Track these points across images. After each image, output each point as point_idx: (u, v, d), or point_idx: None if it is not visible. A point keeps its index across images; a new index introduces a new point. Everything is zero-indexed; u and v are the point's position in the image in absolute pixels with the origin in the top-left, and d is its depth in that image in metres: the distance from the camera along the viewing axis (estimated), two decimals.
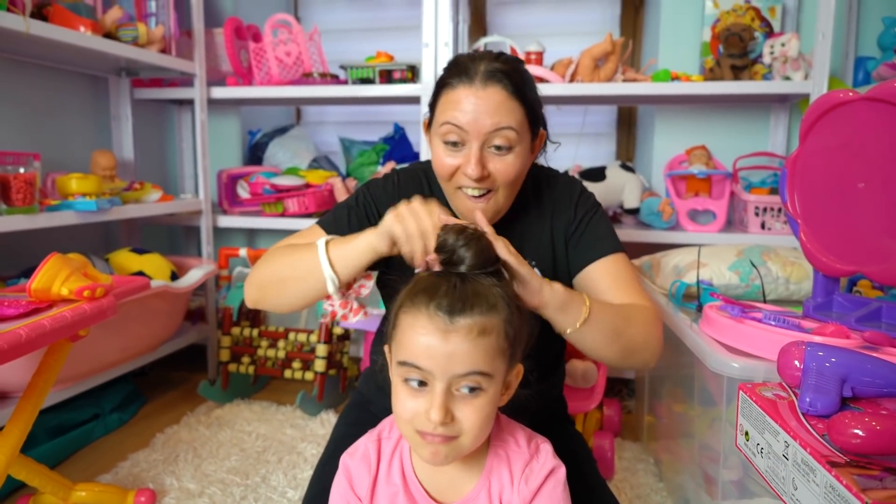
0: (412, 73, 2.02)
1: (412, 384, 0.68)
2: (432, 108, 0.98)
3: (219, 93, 2.15)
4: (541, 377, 0.80)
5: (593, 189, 1.14)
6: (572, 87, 1.89)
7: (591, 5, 2.50)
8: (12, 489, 1.44)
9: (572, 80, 1.92)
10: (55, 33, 1.55)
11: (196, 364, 2.31)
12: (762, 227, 1.87)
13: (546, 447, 0.77)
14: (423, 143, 1.95)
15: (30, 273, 1.27)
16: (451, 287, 0.68)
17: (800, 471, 0.62)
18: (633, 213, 2.01)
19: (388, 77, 2.03)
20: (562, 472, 0.75)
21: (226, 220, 2.20)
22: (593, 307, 0.85)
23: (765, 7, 2.01)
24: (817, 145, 1.08)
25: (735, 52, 1.86)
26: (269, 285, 0.95)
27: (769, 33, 1.97)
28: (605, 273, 1.00)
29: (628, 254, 1.05)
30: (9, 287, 1.47)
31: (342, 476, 0.78)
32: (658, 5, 2.20)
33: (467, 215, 0.96)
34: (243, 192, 2.23)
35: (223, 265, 2.18)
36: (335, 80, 2.13)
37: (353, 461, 0.78)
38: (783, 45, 1.80)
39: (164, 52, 1.98)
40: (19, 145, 1.85)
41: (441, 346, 0.65)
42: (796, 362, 0.72)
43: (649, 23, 2.37)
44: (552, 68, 1.96)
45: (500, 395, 0.71)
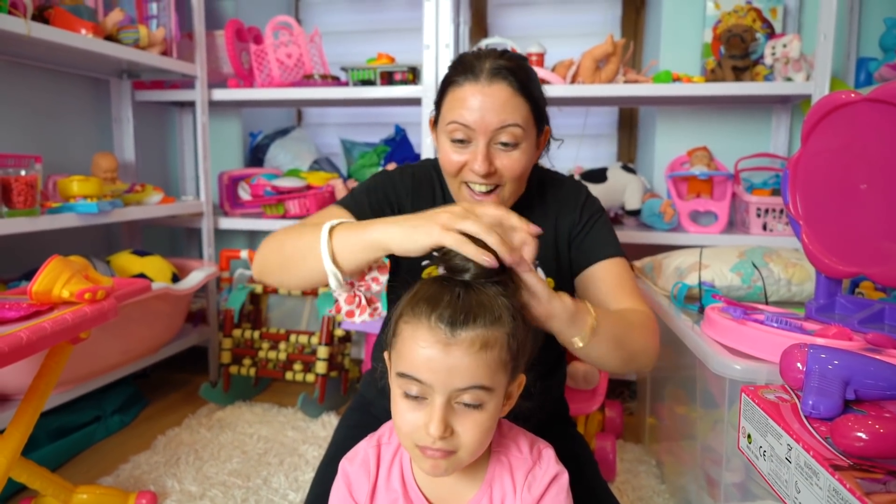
0: (413, 75, 2.02)
1: (411, 396, 0.66)
2: (438, 106, 0.99)
3: (220, 95, 2.16)
4: (542, 379, 0.79)
5: (594, 190, 1.14)
6: (573, 89, 1.89)
7: (592, 7, 2.50)
8: (13, 492, 1.44)
9: (573, 81, 1.92)
10: (56, 36, 1.55)
11: (197, 366, 2.31)
12: (764, 228, 1.86)
13: (549, 453, 0.76)
14: (424, 145, 1.95)
15: (31, 275, 1.27)
16: (453, 297, 0.66)
17: (803, 474, 0.62)
18: (635, 214, 2.00)
19: (389, 79, 2.03)
20: (565, 478, 0.74)
21: (227, 222, 2.20)
22: (599, 317, 0.83)
23: (766, 8, 2.01)
24: (819, 146, 1.08)
25: (736, 53, 1.86)
26: (273, 263, 0.92)
27: (770, 34, 1.96)
28: (607, 276, 1.01)
29: (630, 255, 1.05)
30: (10, 289, 1.47)
31: (341, 481, 0.77)
32: (659, 6, 2.20)
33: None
34: (244, 193, 2.23)
35: (224, 267, 2.18)
36: (336, 81, 2.13)
37: (353, 467, 0.77)
38: (785, 46, 1.79)
39: (165, 54, 1.98)
40: (21, 148, 1.85)
41: (442, 360, 0.63)
42: (799, 364, 0.71)
43: (650, 24, 2.37)
44: (553, 70, 1.96)
45: (502, 407, 0.70)
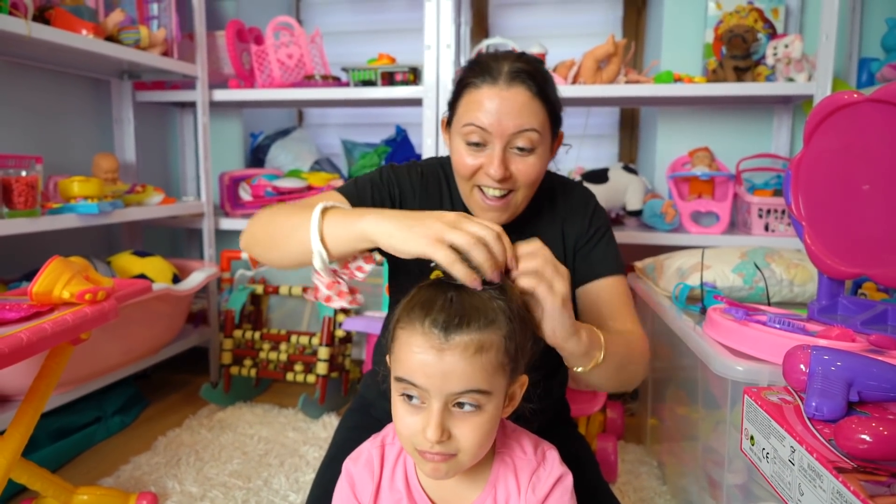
0: (414, 76, 2.02)
1: (410, 401, 0.67)
2: (452, 107, 0.97)
3: (221, 95, 2.15)
4: (544, 380, 0.79)
5: (596, 191, 1.14)
6: (575, 89, 1.88)
7: (593, 7, 2.50)
8: (14, 493, 1.44)
9: (574, 81, 1.92)
10: (57, 36, 1.55)
11: (198, 367, 2.31)
12: (766, 228, 1.86)
13: (553, 454, 0.76)
14: (425, 146, 1.95)
15: (31, 276, 1.27)
16: (447, 301, 0.66)
17: (806, 476, 0.61)
18: (636, 214, 2.00)
19: (389, 79, 2.03)
20: (569, 479, 0.74)
21: (228, 223, 2.20)
22: (606, 354, 0.81)
23: (768, 8, 2.00)
24: (821, 147, 1.08)
25: (738, 53, 1.86)
26: (262, 236, 0.91)
27: (772, 34, 1.96)
28: (608, 293, 1.00)
29: (631, 256, 1.05)
30: (10, 290, 1.47)
31: (345, 482, 0.77)
32: (661, 7, 2.19)
33: (481, 214, 0.96)
34: (245, 194, 2.23)
35: (225, 268, 2.18)
36: (337, 82, 2.13)
37: (357, 467, 0.77)
38: (786, 46, 1.79)
39: (166, 54, 1.98)
40: (21, 148, 1.85)
41: (436, 365, 0.63)
42: (802, 366, 0.71)
43: (652, 24, 2.36)
44: (554, 70, 1.95)
45: (503, 408, 0.70)
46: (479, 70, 0.91)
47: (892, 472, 0.57)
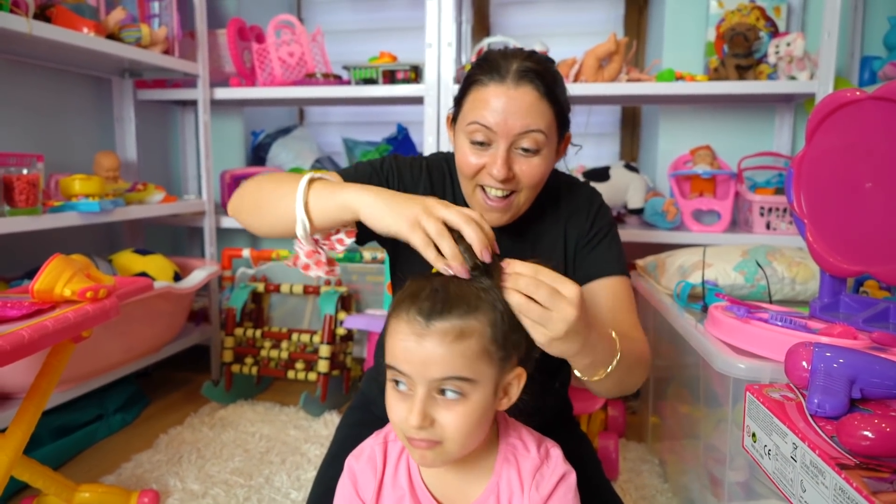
0: (415, 74, 2.02)
1: (398, 388, 0.68)
2: (458, 104, 0.96)
3: (222, 93, 2.16)
4: (546, 377, 0.78)
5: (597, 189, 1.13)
6: (576, 88, 1.88)
7: (594, 5, 2.49)
8: (16, 490, 1.44)
9: (576, 80, 1.92)
10: (58, 34, 1.55)
11: (199, 365, 2.31)
12: (767, 227, 1.86)
13: (556, 452, 0.76)
14: (426, 144, 1.94)
15: (33, 274, 1.27)
16: (432, 290, 0.67)
17: (808, 473, 0.61)
18: (638, 213, 2.00)
19: (391, 77, 2.03)
20: (572, 477, 0.74)
21: (229, 221, 2.20)
22: (614, 366, 0.80)
23: (770, 6, 2.00)
24: (824, 145, 1.08)
25: (740, 51, 1.86)
26: (248, 202, 0.91)
27: (774, 33, 1.96)
28: (610, 293, 0.99)
29: (633, 254, 1.05)
30: (12, 288, 1.47)
31: (347, 479, 0.77)
32: (662, 5, 2.19)
33: (483, 214, 0.95)
34: None
35: (226, 266, 2.18)
36: (338, 80, 2.12)
37: (359, 464, 0.77)
38: (788, 44, 1.79)
39: (167, 53, 1.98)
40: (22, 146, 1.85)
41: (416, 351, 0.64)
42: (804, 363, 0.71)
43: (653, 23, 2.36)
44: None
45: (496, 400, 0.69)
46: (487, 67, 0.90)
47: (894, 469, 0.56)
